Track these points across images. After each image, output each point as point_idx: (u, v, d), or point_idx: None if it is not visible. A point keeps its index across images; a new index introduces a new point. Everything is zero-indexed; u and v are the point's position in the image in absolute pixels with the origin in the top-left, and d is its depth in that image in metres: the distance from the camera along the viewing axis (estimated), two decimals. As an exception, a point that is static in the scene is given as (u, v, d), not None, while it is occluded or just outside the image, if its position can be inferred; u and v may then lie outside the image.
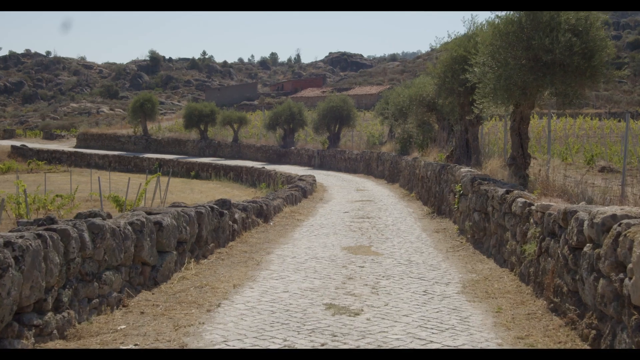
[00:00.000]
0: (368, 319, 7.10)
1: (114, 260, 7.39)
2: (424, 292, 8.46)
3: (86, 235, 6.80)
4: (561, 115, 58.73)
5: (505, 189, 10.23)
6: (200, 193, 31.88)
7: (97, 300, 7.02)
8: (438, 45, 18.63)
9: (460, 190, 13.73)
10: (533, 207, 8.44)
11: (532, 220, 8.42)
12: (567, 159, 27.51)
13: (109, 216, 8.10)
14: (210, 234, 11.01)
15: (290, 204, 18.81)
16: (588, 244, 6.21)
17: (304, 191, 21.98)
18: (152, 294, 8.16)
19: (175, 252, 9.17)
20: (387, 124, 39.35)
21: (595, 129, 55.90)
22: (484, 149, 19.63)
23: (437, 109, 24.24)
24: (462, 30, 21.97)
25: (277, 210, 16.83)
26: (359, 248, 11.98)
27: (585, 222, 6.28)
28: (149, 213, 8.99)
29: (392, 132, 37.85)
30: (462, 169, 14.69)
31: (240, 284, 8.86)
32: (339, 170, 38.36)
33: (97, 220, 7.16)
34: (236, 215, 12.83)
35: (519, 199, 9.19)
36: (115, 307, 7.35)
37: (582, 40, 11.94)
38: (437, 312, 7.42)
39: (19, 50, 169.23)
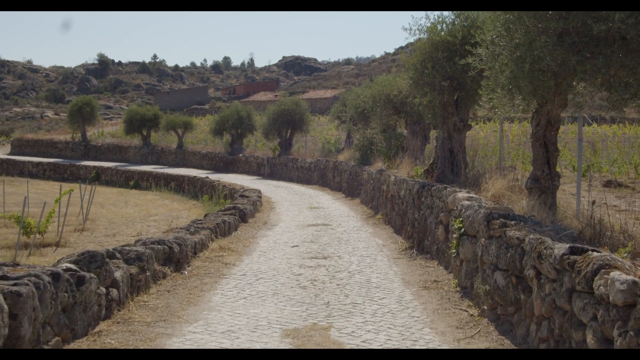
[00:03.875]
0: None
1: None
2: None
3: None
4: (515, 119, 53.83)
5: (568, 246, 5.71)
6: (135, 207, 27.86)
7: None
8: (414, 29, 14.07)
9: (460, 228, 9.28)
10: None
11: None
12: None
13: None
14: (53, 320, 6.33)
15: (221, 236, 14.13)
16: None
17: (243, 214, 17.29)
18: None
19: None
20: (344, 128, 35.43)
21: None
22: (471, 161, 15.36)
23: (407, 111, 20.07)
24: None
25: (199, 248, 12.16)
26: (310, 332, 7.31)
27: None
28: None
29: (350, 137, 33.85)
30: (458, 194, 10.24)
31: None
32: (290, 180, 33.91)
33: None
34: (117, 274, 8.03)
35: (616, 275, 4.71)
36: None
37: (652, 1, 7.72)
38: None
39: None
